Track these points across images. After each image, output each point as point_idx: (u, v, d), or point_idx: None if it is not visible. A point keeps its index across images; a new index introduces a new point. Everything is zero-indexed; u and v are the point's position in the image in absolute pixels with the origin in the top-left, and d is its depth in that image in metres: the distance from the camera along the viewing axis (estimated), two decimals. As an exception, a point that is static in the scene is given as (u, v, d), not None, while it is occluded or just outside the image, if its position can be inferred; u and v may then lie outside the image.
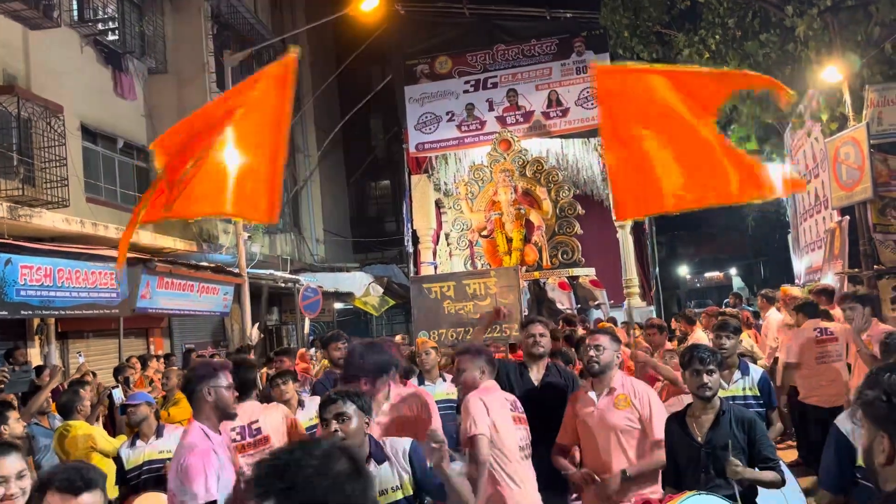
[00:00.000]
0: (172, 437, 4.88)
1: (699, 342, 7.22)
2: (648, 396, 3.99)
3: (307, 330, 15.51)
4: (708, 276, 39.10)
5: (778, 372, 7.77)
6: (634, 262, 17.17)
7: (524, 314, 11.47)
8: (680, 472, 3.63)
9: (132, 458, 4.82)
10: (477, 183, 15.96)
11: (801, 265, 13.07)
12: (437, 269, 17.27)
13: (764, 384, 4.74)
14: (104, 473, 2.45)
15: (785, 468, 4.14)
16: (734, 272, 36.66)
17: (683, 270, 37.57)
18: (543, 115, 17.29)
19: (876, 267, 8.82)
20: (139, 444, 4.88)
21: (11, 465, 2.62)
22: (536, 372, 4.58)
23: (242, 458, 4.07)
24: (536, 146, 17.33)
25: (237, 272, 12.73)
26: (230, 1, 15.27)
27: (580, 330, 9.78)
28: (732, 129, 13.34)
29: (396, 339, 10.97)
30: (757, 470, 3.47)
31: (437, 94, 17.88)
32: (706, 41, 11.70)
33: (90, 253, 9.81)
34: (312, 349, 11.36)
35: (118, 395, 7.49)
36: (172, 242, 12.50)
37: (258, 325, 12.70)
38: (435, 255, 18.04)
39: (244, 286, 12.64)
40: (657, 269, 18.83)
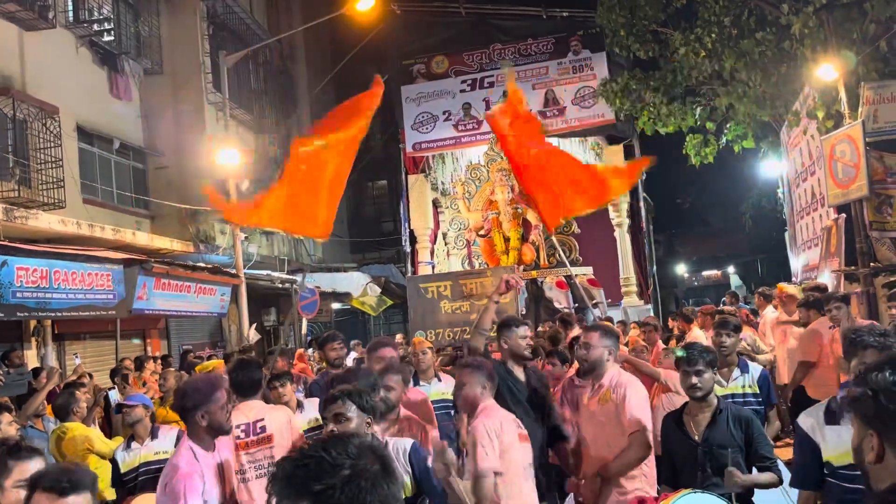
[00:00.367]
0: (167, 438, 4.88)
1: (696, 341, 7.24)
2: (625, 387, 3.90)
3: (305, 330, 15.50)
4: (706, 274, 39.15)
5: (778, 370, 7.77)
6: (632, 260, 17.17)
7: (521, 313, 11.49)
8: (677, 470, 3.63)
9: (128, 460, 4.80)
10: (474, 182, 15.99)
11: (797, 263, 13.08)
12: (434, 268, 17.28)
13: (763, 382, 4.73)
14: (95, 475, 2.45)
15: (783, 466, 4.14)
16: (732, 270, 36.71)
17: (681, 269, 37.62)
18: (540, 114, 17.25)
19: (872, 264, 8.82)
20: (134, 445, 4.86)
21: (35, 468, 2.62)
22: (521, 374, 4.50)
23: (245, 454, 4.11)
24: (533, 145, 17.32)
25: (234, 273, 12.72)
26: (226, 1, 15.24)
27: (577, 329, 9.79)
28: (729, 127, 13.37)
29: (396, 338, 10.98)
30: (755, 473, 3.47)
31: (433, 93, 17.89)
32: (702, 39, 11.70)
33: (87, 254, 9.79)
34: (310, 349, 11.35)
35: (114, 396, 7.48)
36: (169, 243, 12.47)
37: (255, 325, 12.69)
38: (432, 254, 18.05)
39: (241, 287, 12.64)
40: (654, 267, 18.83)
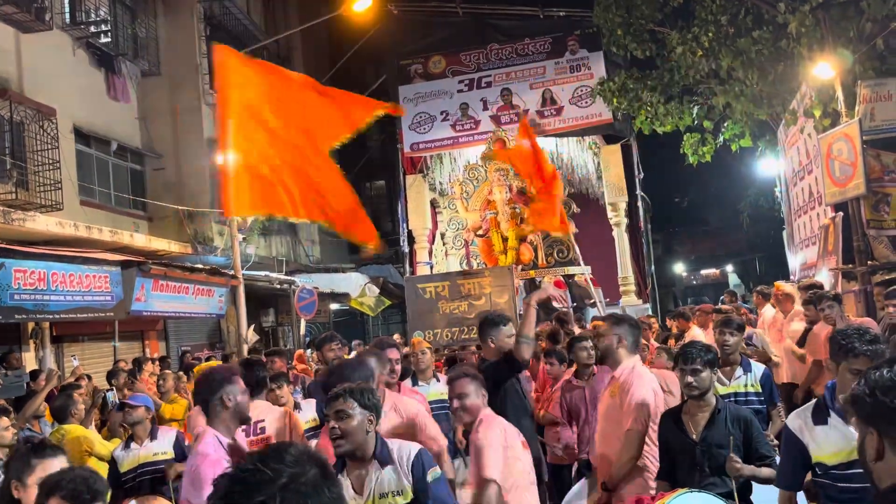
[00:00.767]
0: (166, 439, 4.88)
1: (693, 340, 7.23)
2: (631, 385, 3.87)
3: (303, 331, 15.48)
4: (704, 273, 39.14)
5: (783, 368, 7.66)
6: (630, 260, 17.19)
7: (519, 313, 11.48)
8: (675, 469, 3.62)
9: (126, 460, 4.80)
10: (472, 182, 15.97)
11: (795, 261, 13.09)
12: (433, 268, 17.28)
13: (765, 381, 4.73)
14: (107, 484, 2.45)
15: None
16: (730, 269, 36.71)
17: (679, 268, 37.62)
18: (538, 113, 17.30)
19: (870, 262, 8.84)
20: (133, 446, 4.85)
21: (59, 467, 2.63)
22: None
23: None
24: (531, 145, 17.33)
25: (232, 274, 12.70)
26: (223, 2, 15.24)
27: (576, 329, 9.80)
28: (726, 125, 13.37)
29: (394, 338, 10.97)
30: (755, 467, 3.45)
31: (431, 93, 17.89)
32: (699, 39, 11.70)
33: (84, 256, 9.78)
34: (309, 350, 11.34)
35: (112, 397, 7.47)
36: (167, 245, 12.47)
37: (253, 326, 12.68)
38: (431, 254, 18.05)
39: (239, 288, 12.61)
40: (653, 266, 18.86)
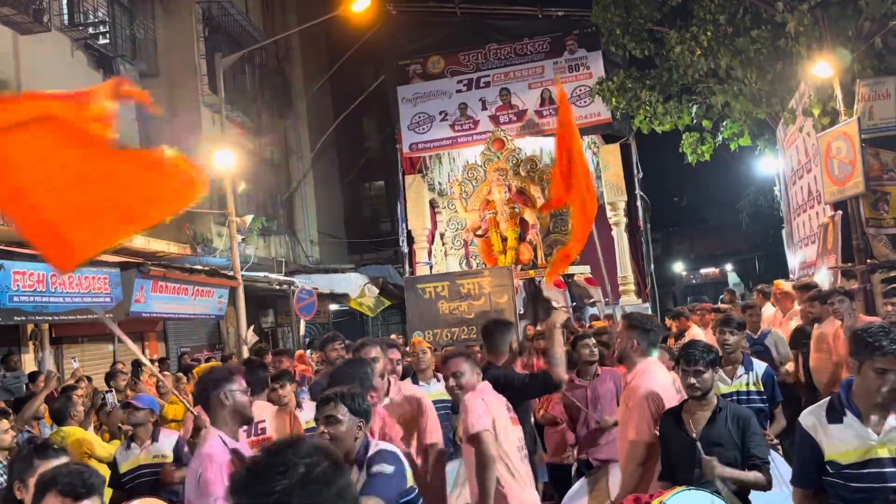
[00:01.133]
0: (167, 442, 4.87)
1: (695, 339, 7.21)
2: (636, 391, 3.87)
3: (303, 332, 15.49)
4: (704, 272, 39.12)
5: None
6: (629, 259, 17.18)
7: (519, 313, 11.50)
8: (674, 467, 3.62)
9: (127, 461, 4.79)
10: (471, 182, 15.98)
11: (795, 260, 13.09)
12: (432, 268, 17.28)
13: (768, 379, 4.74)
14: (103, 477, 2.46)
15: (782, 465, 4.12)
16: (730, 268, 36.70)
17: (679, 267, 37.60)
18: (536, 113, 17.30)
19: (869, 261, 8.83)
20: (133, 447, 4.85)
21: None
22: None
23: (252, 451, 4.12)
24: (530, 145, 17.35)
25: (231, 275, 12.71)
26: (221, 3, 15.23)
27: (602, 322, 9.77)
28: (725, 124, 13.37)
29: (391, 338, 10.97)
30: (740, 470, 3.40)
31: (429, 93, 17.88)
32: (698, 38, 11.69)
33: (83, 258, 9.77)
34: (308, 350, 11.34)
35: (111, 399, 7.47)
36: (166, 246, 12.46)
37: (253, 327, 12.69)
38: (430, 254, 18.05)
39: (239, 289, 12.62)
40: (652, 266, 18.86)
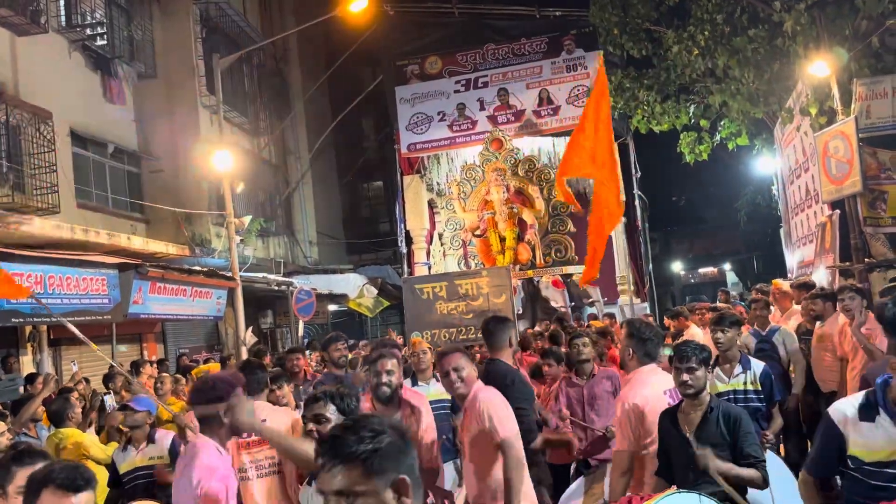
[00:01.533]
0: (162, 442, 4.87)
1: (693, 339, 7.21)
2: (620, 400, 3.99)
3: (302, 332, 15.49)
4: (702, 271, 39.17)
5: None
6: (628, 259, 17.21)
7: (517, 313, 11.50)
8: (671, 468, 3.63)
9: (123, 463, 4.79)
10: (469, 182, 15.98)
11: (793, 259, 13.10)
12: (431, 269, 17.28)
13: (765, 378, 4.74)
14: (94, 474, 2.46)
15: (780, 465, 4.12)
16: (728, 267, 36.76)
17: (677, 266, 37.64)
18: (534, 113, 17.31)
19: (867, 260, 8.85)
20: (130, 449, 4.85)
21: None
22: None
23: (246, 454, 4.21)
24: (528, 145, 17.37)
25: (230, 276, 12.70)
26: (219, 4, 15.22)
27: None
28: (723, 124, 13.40)
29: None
30: (733, 465, 3.40)
31: (427, 94, 17.88)
32: (695, 37, 11.72)
33: (81, 259, 9.77)
34: (308, 351, 11.35)
35: (109, 401, 7.47)
36: (164, 247, 12.45)
37: (251, 328, 12.68)
38: (429, 255, 18.06)
39: (237, 290, 12.62)
40: (651, 265, 18.88)
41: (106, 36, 13.25)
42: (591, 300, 14.71)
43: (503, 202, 15.09)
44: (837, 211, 9.47)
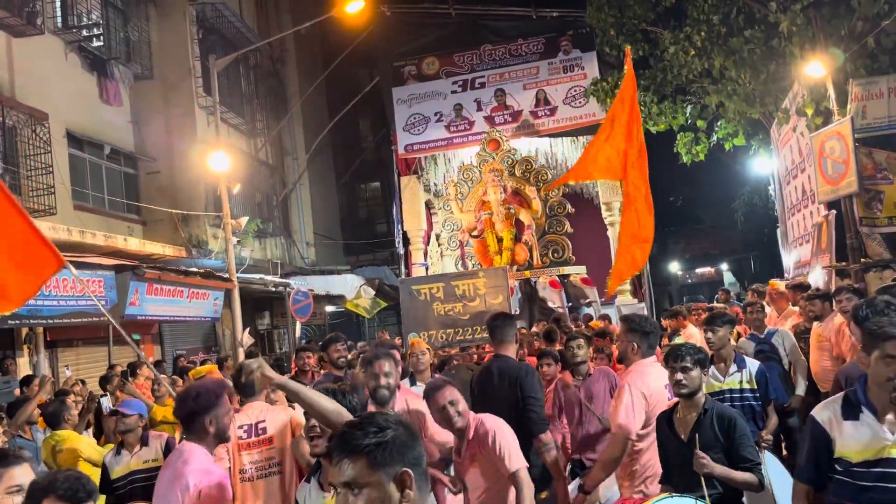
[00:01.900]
0: (156, 445, 4.84)
1: (691, 338, 7.23)
2: (620, 389, 4.05)
3: (299, 333, 15.47)
4: (699, 271, 39.24)
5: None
6: (625, 259, 17.17)
7: (514, 313, 11.48)
8: (669, 470, 3.63)
9: (117, 467, 4.75)
10: (466, 183, 15.98)
11: (790, 259, 13.11)
12: (428, 269, 17.28)
13: (761, 377, 4.75)
14: (97, 487, 2.44)
15: (779, 466, 4.12)
16: (725, 267, 36.81)
17: (675, 266, 37.68)
18: (531, 114, 17.32)
19: (863, 260, 8.85)
20: (124, 453, 4.80)
21: (21, 475, 2.60)
22: None
23: (247, 454, 4.27)
24: (525, 145, 17.37)
25: (227, 277, 12.69)
26: (215, 5, 15.21)
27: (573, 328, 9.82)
28: (720, 124, 13.41)
29: (384, 337, 10.96)
30: (730, 469, 3.38)
31: (424, 94, 17.89)
32: (692, 38, 11.73)
33: (78, 261, 9.74)
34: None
35: (106, 403, 7.45)
36: (161, 248, 12.44)
37: (248, 329, 12.66)
38: (426, 255, 18.05)
39: (234, 291, 12.60)
40: (648, 265, 18.85)
41: (102, 37, 13.23)
42: (588, 300, 14.70)
43: (500, 203, 15.09)
44: (834, 211, 9.48)
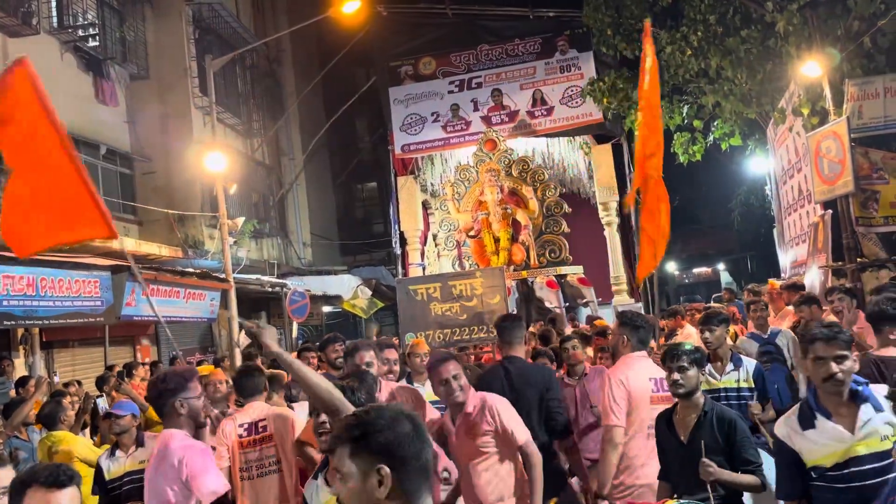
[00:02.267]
0: (152, 445, 4.81)
1: (689, 338, 7.22)
2: (601, 385, 4.21)
3: (296, 334, 15.45)
4: (696, 271, 39.24)
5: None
6: (622, 259, 17.22)
7: (512, 313, 11.47)
8: (669, 471, 3.63)
9: (113, 468, 4.71)
10: (463, 183, 15.97)
11: (786, 259, 13.14)
12: (425, 269, 17.27)
13: (758, 376, 4.75)
14: (79, 473, 2.47)
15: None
16: (722, 267, 36.83)
17: (672, 266, 37.68)
18: (528, 114, 17.32)
19: (859, 260, 8.87)
20: (119, 454, 4.75)
21: (4, 476, 2.61)
22: None
23: (247, 452, 4.38)
24: (522, 145, 17.37)
25: (223, 277, 12.66)
26: (212, 5, 15.19)
27: (569, 328, 9.82)
28: (716, 124, 13.42)
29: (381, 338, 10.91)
30: (735, 473, 3.37)
31: (421, 94, 17.88)
32: (688, 38, 11.73)
33: (73, 261, 9.72)
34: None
35: (102, 404, 7.43)
36: (157, 249, 12.41)
37: (245, 330, 12.62)
38: (423, 256, 18.05)
39: (231, 291, 12.58)
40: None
41: (98, 37, 13.20)
42: (585, 300, 14.71)
43: (497, 203, 15.08)
44: (830, 211, 9.49)
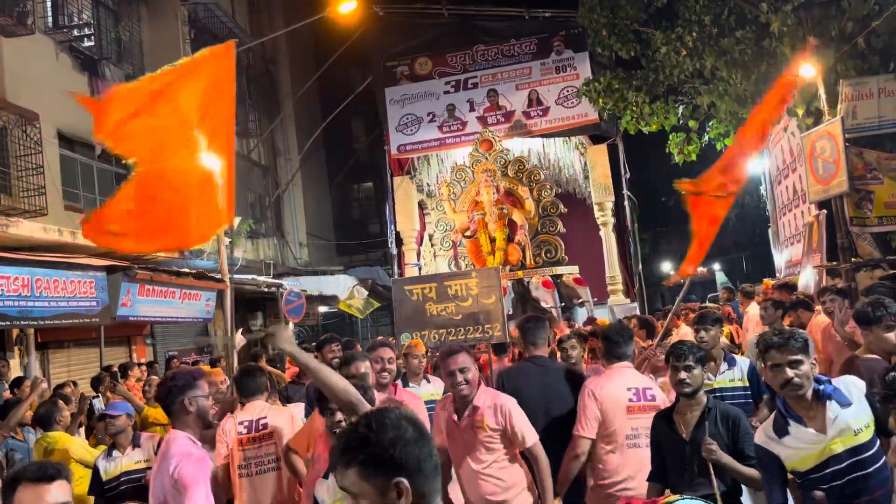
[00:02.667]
0: (148, 446, 4.83)
1: (685, 338, 7.25)
2: (585, 384, 4.23)
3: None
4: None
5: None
6: (617, 259, 17.26)
7: (508, 313, 11.49)
8: (666, 468, 3.63)
9: (109, 469, 4.71)
10: (459, 183, 15.98)
11: (781, 259, 13.18)
12: (421, 270, 17.28)
13: (752, 374, 4.78)
14: (71, 469, 2.49)
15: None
16: (717, 267, 36.89)
17: (667, 266, 37.75)
18: (524, 114, 17.34)
19: (853, 260, 8.90)
20: (115, 454, 4.77)
21: None
22: None
23: (247, 450, 4.43)
24: (518, 146, 17.40)
25: (219, 278, 12.63)
26: (207, 5, 15.17)
27: (565, 329, 9.84)
28: (711, 125, 13.45)
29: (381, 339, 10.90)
30: (738, 464, 3.42)
31: (417, 95, 17.89)
32: (683, 39, 11.76)
33: (69, 261, 9.70)
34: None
35: (99, 404, 7.43)
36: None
37: (241, 330, 12.61)
38: (419, 256, 18.05)
39: (227, 292, 12.54)
40: (640, 265, 18.94)
41: (93, 37, 13.17)
42: (580, 301, 14.74)
43: (493, 203, 15.10)
44: (824, 211, 9.53)
